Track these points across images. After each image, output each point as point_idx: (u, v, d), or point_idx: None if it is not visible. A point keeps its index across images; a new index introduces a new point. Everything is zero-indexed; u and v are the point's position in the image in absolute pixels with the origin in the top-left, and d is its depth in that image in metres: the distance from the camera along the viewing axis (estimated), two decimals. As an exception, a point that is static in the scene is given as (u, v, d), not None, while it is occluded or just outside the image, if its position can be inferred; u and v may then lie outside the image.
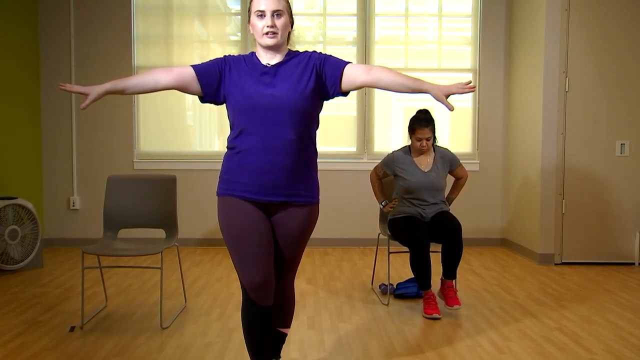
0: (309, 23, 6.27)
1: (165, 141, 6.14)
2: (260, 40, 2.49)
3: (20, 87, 5.67)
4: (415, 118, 4.07)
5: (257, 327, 2.52)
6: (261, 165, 2.43)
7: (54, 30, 5.98)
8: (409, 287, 4.26)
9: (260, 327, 2.52)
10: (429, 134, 4.01)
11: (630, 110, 5.29)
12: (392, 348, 3.29)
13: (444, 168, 4.13)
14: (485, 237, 6.20)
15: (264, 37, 2.47)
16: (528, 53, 5.62)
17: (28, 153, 5.81)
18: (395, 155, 4.19)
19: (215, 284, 4.61)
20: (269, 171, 2.44)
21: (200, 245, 6.07)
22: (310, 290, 4.45)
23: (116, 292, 4.36)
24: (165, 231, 3.97)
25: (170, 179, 3.99)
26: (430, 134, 4.01)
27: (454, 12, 6.19)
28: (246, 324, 2.55)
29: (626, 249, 5.34)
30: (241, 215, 2.47)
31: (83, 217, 6.09)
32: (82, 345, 3.29)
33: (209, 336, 3.45)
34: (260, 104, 2.43)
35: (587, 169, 5.32)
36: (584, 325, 3.66)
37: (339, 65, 2.50)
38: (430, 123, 4.03)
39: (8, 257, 4.91)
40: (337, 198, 6.06)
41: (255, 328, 2.52)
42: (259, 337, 2.53)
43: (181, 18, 6.13)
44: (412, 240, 3.87)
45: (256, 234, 2.46)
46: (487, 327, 3.63)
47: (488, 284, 4.65)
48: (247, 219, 2.46)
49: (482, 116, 6.16)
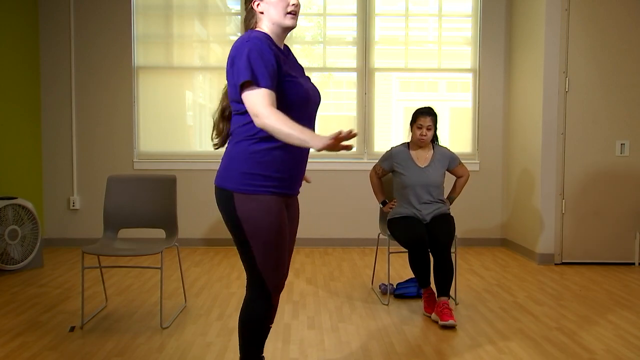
0: (309, 23, 6.27)
1: (165, 141, 6.14)
2: (282, 20, 2.31)
3: (20, 87, 5.67)
4: (418, 109, 4.14)
5: (266, 324, 2.49)
6: (300, 160, 2.39)
7: (54, 30, 5.98)
8: (409, 287, 4.26)
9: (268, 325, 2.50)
10: (430, 123, 4.05)
11: (630, 110, 5.29)
12: (392, 348, 3.28)
13: (441, 165, 4.13)
14: (485, 237, 6.21)
15: (287, 16, 2.31)
16: (528, 53, 5.62)
17: (28, 153, 5.81)
18: (393, 151, 4.21)
19: (215, 284, 4.61)
20: (300, 163, 2.41)
21: (200, 245, 6.07)
22: (310, 290, 4.45)
23: (116, 292, 4.36)
24: (165, 231, 3.97)
25: (170, 179, 3.99)
26: (431, 124, 4.05)
27: (454, 12, 6.19)
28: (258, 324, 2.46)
29: (626, 249, 5.34)
30: (282, 214, 2.36)
31: (83, 217, 6.09)
32: (82, 345, 3.29)
33: (209, 336, 3.45)
34: (313, 99, 2.38)
35: (587, 169, 5.32)
36: (584, 325, 3.66)
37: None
38: (432, 114, 4.08)
39: (8, 257, 4.91)
40: (337, 198, 6.06)
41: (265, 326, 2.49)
42: (265, 334, 2.52)
43: (181, 18, 6.13)
44: (409, 239, 3.87)
45: (287, 233, 2.43)
46: (487, 327, 3.63)
47: (488, 284, 4.65)
48: (284, 217, 2.38)
49: (482, 116, 6.16)
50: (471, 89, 6.21)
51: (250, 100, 2.19)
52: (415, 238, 3.85)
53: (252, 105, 2.19)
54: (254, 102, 2.18)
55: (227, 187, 2.33)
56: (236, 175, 2.31)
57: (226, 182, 2.33)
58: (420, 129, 4.06)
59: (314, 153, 6.09)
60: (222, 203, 2.35)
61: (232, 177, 2.31)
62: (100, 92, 6.04)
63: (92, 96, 6.05)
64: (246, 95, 2.21)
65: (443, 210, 4.10)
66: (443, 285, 3.79)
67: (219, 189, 2.37)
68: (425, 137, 4.06)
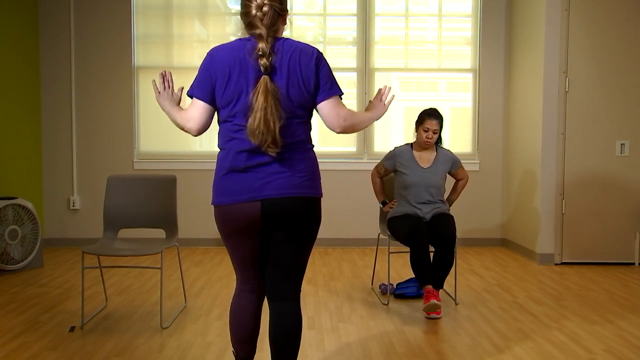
0: (309, 23, 6.27)
1: (165, 141, 6.14)
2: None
3: (20, 87, 5.67)
4: (425, 111, 4.13)
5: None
6: None
7: (54, 30, 5.98)
8: (409, 287, 4.26)
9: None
10: (437, 127, 4.06)
11: (630, 110, 5.29)
12: (392, 348, 3.28)
13: (444, 167, 4.15)
14: (485, 237, 6.20)
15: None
16: (528, 53, 5.61)
17: (28, 153, 5.81)
18: (397, 150, 4.22)
19: (215, 284, 4.61)
20: None
21: (200, 245, 6.07)
22: (310, 290, 4.45)
23: (116, 292, 4.36)
24: (165, 231, 3.97)
25: (170, 179, 3.99)
26: (437, 127, 4.06)
27: (454, 12, 6.19)
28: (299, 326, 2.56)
29: (626, 249, 5.34)
30: None
31: (83, 217, 6.09)
32: (82, 345, 3.29)
33: (209, 336, 3.45)
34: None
35: (587, 169, 5.32)
36: (584, 325, 3.66)
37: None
38: (439, 118, 4.09)
39: (8, 257, 4.91)
40: (337, 198, 6.06)
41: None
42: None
43: (181, 18, 6.13)
44: (410, 237, 3.88)
45: None
46: (487, 327, 3.63)
47: (488, 284, 4.65)
48: None
49: (482, 116, 6.16)
50: (471, 89, 6.21)
51: (343, 108, 2.42)
52: (416, 235, 3.86)
53: (344, 112, 2.41)
54: (343, 109, 2.42)
55: (318, 194, 2.42)
56: (319, 182, 2.45)
57: (317, 190, 2.42)
58: (426, 132, 4.06)
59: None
60: (313, 210, 2.41)
61: (319, 184, 2.44)
62: (100, 92, 6.04)
63: (92, 96, 6.05)
64: (337, 104, 2.40)
65: (443, 209, 4.12)
66: (438, 277, 3.89)
67: (312, 198, 2.39)
68: (430, 140, 4.07)
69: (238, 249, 2.43)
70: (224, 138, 2.37)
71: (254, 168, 2.31)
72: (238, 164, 2.32)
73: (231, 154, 2.33)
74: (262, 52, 2.26)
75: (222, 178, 2.35)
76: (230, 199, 2.33)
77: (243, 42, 2.33)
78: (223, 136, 2.38)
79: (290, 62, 2.30)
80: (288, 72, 2.30)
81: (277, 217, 2.34)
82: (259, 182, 2.31)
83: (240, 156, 2.32)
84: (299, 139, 2.37)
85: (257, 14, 2.30)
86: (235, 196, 2.32)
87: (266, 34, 2.29)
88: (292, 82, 2.30)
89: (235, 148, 2.32)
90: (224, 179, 2.35)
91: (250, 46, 2.30)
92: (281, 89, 2.29)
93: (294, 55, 2.31)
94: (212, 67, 2.33)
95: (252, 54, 2.28)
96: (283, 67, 2.29)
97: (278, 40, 2.33)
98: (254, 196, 2.30)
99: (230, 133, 2.34)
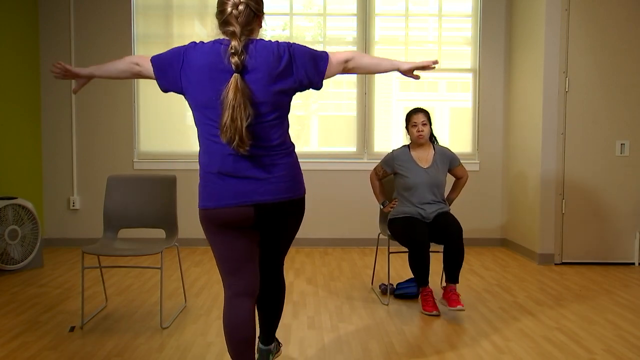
0: (309, 23, 6.27)
1: (165, 141, 6.14)
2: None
3: (20, 87, 5.67)
4: (409, 111, 4.23)
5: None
6: None
7: (54, 30, 5.98)
8: (409, 287, 4.26)
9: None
10: (424, 119, 4.12)
11: (630, 110, 5.29)
12: (392, 348, 3.29)
13: (443, 165, 4.16)
14: (485, 237, 6.20)
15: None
16: (528, 53, 5.61)
17: (28, 153, 5.81)
18: (394, 153, 4.22)
19: (215, 284, 4.61)
20: None
21: (200, 245, 6.07)
22: (310, 290, 4.45)
23: (116, 292, 4.36)
24: (165, 231, 3.97)
25: (170, 179, 3.99)
26: (424, 119, 4.12)
27: (454, 12, 6.19)
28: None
29: (626, 249, 5.34)
30: None
31: (83, 217, 6.09)
32: (82, 345, 3.29)
33: (209, 336, 3.45)
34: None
35: (587, 169, 5.32)
36: (584, 325, 3.66)
37: None
38: (423, 111, 4.16)
39: (8, 257, 4.91)
40: (337, 198, 6.06)
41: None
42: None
43: (181, 18, 6.13)
44: (410, 240, 3.88)
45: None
46: (487, 327, 3.63)
47: (488, 284, 4.65)
48: None
49: (482, 116, 6.16)
50: (471, 89, 6.21)
51: (337, 54, 2.50)
52: (417, 239, 3.85)
53: (344, 55, 2.50)
54: (341, 53, 2.50)
55: (303, 193, 2.49)
56: (302, 179, 2.51)
57: (302, 189, 2.49)
58: (415, 126, 4.12)
59: (314, 153, 6.10)
60: (301, 207, 2.50)
61: (302, 182, 2.49)
62: (100, 92, 6.04)
63: (92, 96, 6.05)
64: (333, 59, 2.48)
65: (445, 209, 4.13)
66: (452, 272, 3.89)
67: (299, 198, 2.46)
68: (422, 133, 4.09)
69: (227, 246, 2.42)
70: (207, 140, 2.36)
71: (241, 172, 2.33)
72: (226, 168, 2.33)
73: (217, 156, 2.34)
74: (235, 50, 2.25)
75: (211, 181, 2.37)
76: (221, 202, 2.34)
77: (218, 44, 2.32)
78: (205, 138, 2.37)
79: (265, 63, 2.29)
80: (262, 72, 2.28)
81: (268, 218, 2.41)
82: (250, 186, 2.34)
83: (227, 159, 2.33)
84: (277, 142, 2.38)
85: (232, 12, 2.30)
86: (227, 200, 2.34)
87: (240, 32, 2.28)
88: (266, 82, 2.29)
89: (222, 151, 2.33)
90: (212, 182, 2.37)
91: (224, 49, 2.29)
92: (254, 90, 2.27)
93: (268, 55, 2.30)
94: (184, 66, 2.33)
95: (225, 55, 2.27)
96: (257, 68, 2.28)
97: (252, 41, 2.32)
98: (245, 201, 2.34)
99: (213, 137, 2.33)
